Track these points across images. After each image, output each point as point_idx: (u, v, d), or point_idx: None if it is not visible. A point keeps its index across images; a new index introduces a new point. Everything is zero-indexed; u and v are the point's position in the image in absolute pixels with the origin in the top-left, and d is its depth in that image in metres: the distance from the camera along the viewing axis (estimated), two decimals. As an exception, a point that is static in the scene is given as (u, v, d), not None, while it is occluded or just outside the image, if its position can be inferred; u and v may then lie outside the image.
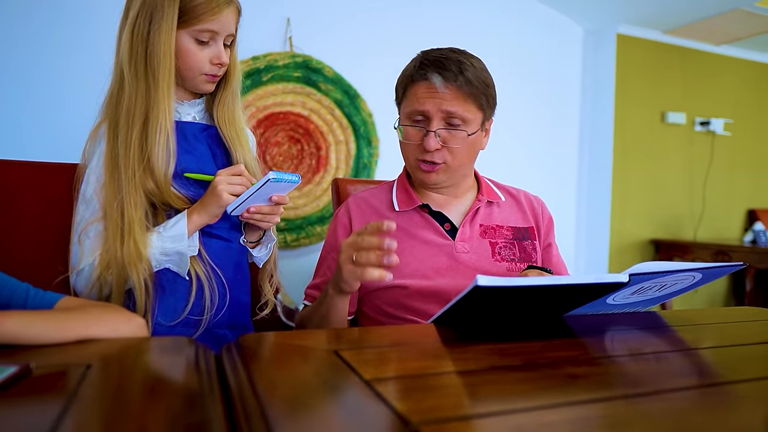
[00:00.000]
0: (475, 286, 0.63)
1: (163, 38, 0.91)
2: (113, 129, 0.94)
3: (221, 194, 0.93)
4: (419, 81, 1.05)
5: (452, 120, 1.04)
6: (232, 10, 0.97)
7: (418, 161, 1.07)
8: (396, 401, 0.46)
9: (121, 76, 0.95)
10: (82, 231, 0.92)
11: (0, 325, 0.57)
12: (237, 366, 0.56)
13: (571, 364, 0.60)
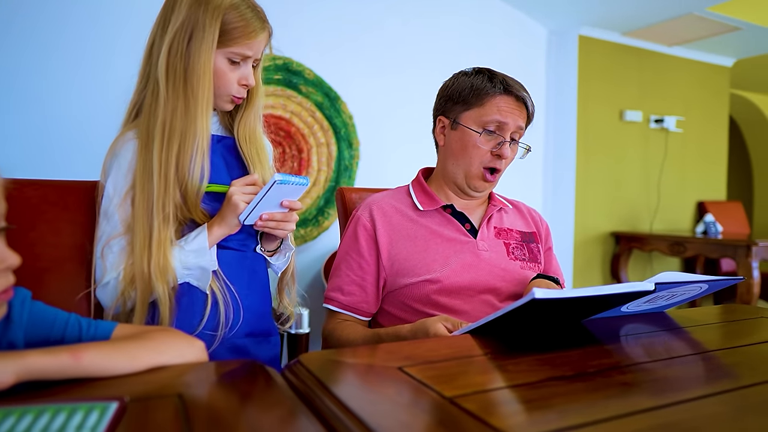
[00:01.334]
0: (531, 298, 0.68)
1: (203, 57, 0.92)
2: (145, 141, 0.94)
3: (237, 204, 0.94)
4: (506, 95, 1.15)
5: (517, 134, 1.16)
6: (265, 36, 0.99)
7: (484, 169, 1.16)
8: (489, 418, 0.50)
9: (155, 88, 0.94)
10: (105, 245, 0.92)
11: (78, 360, 0.57)
12: (313, 387, 0.59)
13: (617, 371, 0.65)
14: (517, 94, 1.15)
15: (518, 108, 1.15)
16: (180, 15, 0.92)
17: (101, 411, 0.49)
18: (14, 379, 0.52)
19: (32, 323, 0.66)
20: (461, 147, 1.16)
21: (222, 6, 0.92)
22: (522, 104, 1.16)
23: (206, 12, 0.91)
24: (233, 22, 0.93)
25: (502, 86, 1.14)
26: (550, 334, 0.83)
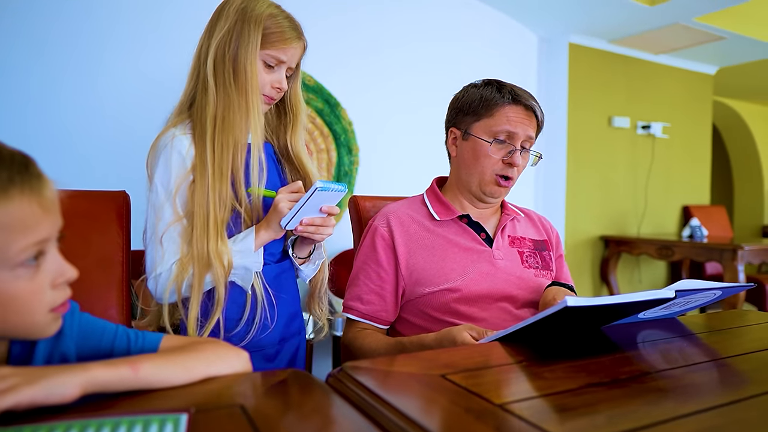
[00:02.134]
0: (564, 306, 0.71)
1: (249, 58, 1.00)
2: (200, 134, 1.00)
3: (282, 210, 1.00)
4: (515, 104, 1.18)
5: (527, 143, 1.19)
6: (300, 46, 1.06)
7: (497, 176, 1.18)
8: (544, 424, 0.52)
9: (205, 86, 1.01)
10: (165, 232, 0.97)
11: (137, 372, 0.58)
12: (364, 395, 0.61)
13: (649, 378, 0.69)
14: (525, 104, 1.18)
15: (527, 117, 1.18)
16: (226, 23, 1.01)
17: (174, 423, 0.50)
18: (80, 391, 0.53)
19: (82, 335, 0.66)
20: (473, 156, 1.20)
21: (263, 14, 1.02)
22: (531, 113, 1.19)
23: (250, 19, 1.01)
24: (270, 28, 1.02)
25: (510, 96, 1.18)
26: (572, 340, 0.86)
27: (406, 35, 2.79)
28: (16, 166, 0.53)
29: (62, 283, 0.58)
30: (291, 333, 1.13)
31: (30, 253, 0.54)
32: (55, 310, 0.58)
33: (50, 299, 0.57)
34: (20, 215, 0.52)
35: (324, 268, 1.19)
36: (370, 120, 2.60)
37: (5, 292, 0.53)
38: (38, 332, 0.58)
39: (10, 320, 0.55)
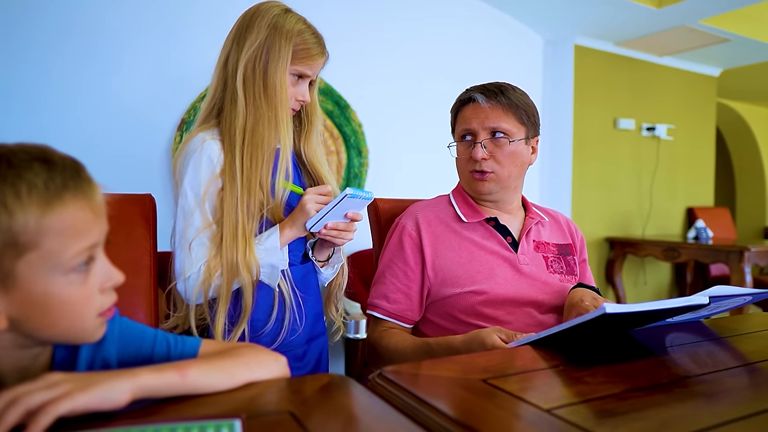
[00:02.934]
0: (603, 313, 0.71)
1: (279, 73, 1.02)
2: (228, 144, 1.02)
3: (309, 211, 1.01)
4: (466, 104, 1.21)
5: (496, 132, 1.17)
6: (323, 60, 1.10)
7: (471, 172, 1.19)
8: (597, 428, 0.52)
9: (233, 97, 1.02)
10: (194, 238, 0.98)
11: (184, 378, 0.58)
12: (408, 399, 0.61)
13: (690, 382, 0.69)
14: (470, 99, 1.20)
15: (480, 110, 1.18)
16: (258, 36, 1.02)
17: (229, 429, 0.50)
18: (130, 397, 0.53)
19: (123, 340, 0.66)
20: (456, 161, 1.26)
21: (293, 31, 1.04)
22: (480, 104, 1.18)
23: (281, 36, 1.03)
24: (299, 45, 1.05)
25: (463, 97, 1.23)
26: (602, 344, 0.86)
27: (414, 38, 2.79)
28: (69, 172, 0.54)
29: (110, 287, 0.58)
30: (317, 333, 1.15)
31: (82, 258, 0.54)
32: (103, 315, 0.58)
33: (99, 304, 0.57)
34: (74, 220, 0.53)
35: (343, 271, 1.19)
36: (380, 122, 2.60)
37: (58, 297, 0.53)
38: (86, 337, 0.58)
39: (61, 325, 0.55)
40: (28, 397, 0.48)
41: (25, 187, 0.50)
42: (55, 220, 0.51)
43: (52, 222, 0.51)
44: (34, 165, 0.51)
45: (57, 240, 0.52)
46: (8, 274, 0.51)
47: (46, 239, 0.51)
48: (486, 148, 1.16)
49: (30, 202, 0.50)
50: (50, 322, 0.54)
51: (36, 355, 0.59)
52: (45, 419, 0.47)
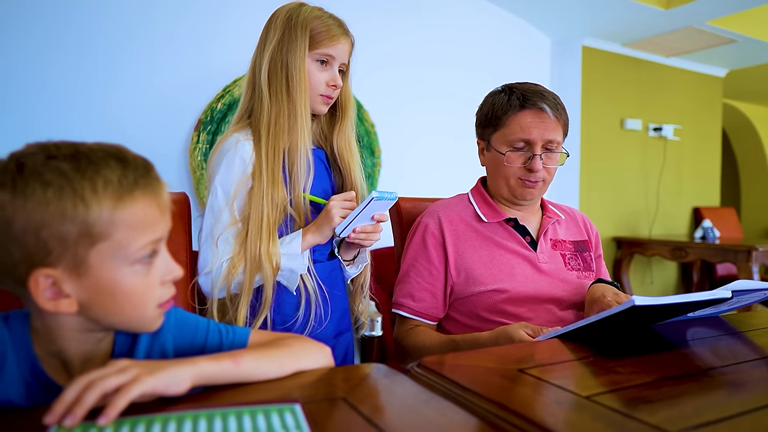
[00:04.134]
0: (632, 305, 0.74)
1: (298, 62, 1.05)
2: (257, 140, 1.05)
3: (334, 218, 1.04)
4: (528, 109, 1.17)
5: (550, 144, 1.18)
6: (347, 41, 1.11)
7: (523, 180, 1.19)
8: (638, 414, 0.55)
9: (260, 95, 1.06)
10: (220, 235, 1.01)
11: (238, 366, 0.61)
12: (452, 389, 0.64)
13: (718, 372, 0.71)
14: (535, 106, 1.16)
15: (541, 119, 1.16)
16: (275, 35, 1.07)
17: (292, 412, 0.53)
18: (191, 383, 0.56)
19: (178, 330, 0.69)
20: (495, 167, 1.23)
21: (308, 18, 1.07)
22: (545, 114, 1.16)
23: (296, 25, 1.06)
24: (317, 28, 1.07)
25: (519, 102, 1.17)
26: (626, 338, 0.88)
27: (425, 39, 2.82)
28: (140, 170, 0.58)
29: (169, 281, 0.62)
30: (344, 328, 1.18)
31: (147, 251, 0.58)
32: (162, 306, 0.62)
33: (159, 295, 0.61)
34: (142, 215, 0.57)
35: (367, 269, 1.22)
36: (392, 122, 2.63)
37: (123, 286, 0.57)
38: (146, 326, 0.62)
39: (124, 312, 0.59)
40: (104, 381, 0.51)
41: (101, 182, 0.54)
42: (126, 214, 0.55)
43: (123, 215, 0.55)
44: (110, 162, 0.56)
45: (126, 232, 0.56)
46: (81, 261, 0.55)
47: (116, 231, 0.55)
48: (542, 159, 1.17)
49: (105, 196, 0.54)
50: (114, 309, 0.58)
51: (99, 340, 0.63)
52: (122, 401, 0.50)
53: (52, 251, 0.54)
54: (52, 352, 0.62)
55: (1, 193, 0.53)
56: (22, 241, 0.53)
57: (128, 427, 0.49)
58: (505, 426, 0.54)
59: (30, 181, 0.53)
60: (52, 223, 0.53)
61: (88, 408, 0.49)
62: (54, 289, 0.55)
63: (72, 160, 0.54)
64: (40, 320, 0.60)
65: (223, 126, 2.20)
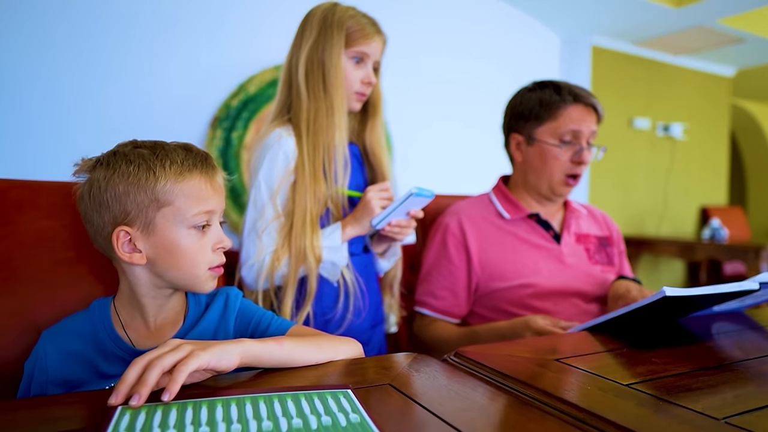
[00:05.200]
0: (663, 296, 0.75)
1: (335, 59, 1.08)
2: (298, 137, 1.08)
3: (373, 208, 1.05)
4: (576, 104, 1.20)
5: (590, 139, 1.21)
6: (380, 39, 1.13)
7: (566, 176, 1.22)
8: (680, 401, 0.56)
9: (298, 93, 1.09)
10: (264, 229, 1.04)
11: (281, 347, 0.64)
12: (491, 377, 0.65)
13: (750, 363, 0.72)
14: (586, 102, 1.20)
15: (589, 114, 1.21)
16: (312, 34, 1.09)
17: (345, 396, 0.54)
18: (239, 360, 0.59)
19: (241, 313, 0.80)
20: (542, 161, 1.22)
21: (344, 17, 1.10)
22: (592, 109, 1.21)
23: (332, 25, 1.09)
24: (352, 27, 1.10)
25: (571, 96, 1.20)
26: (654, 331, 0.89)
27: (435, 37, 2.83)
28: (199, 157, 0.73)
29: (220, 248, 0.74)
30: (378, 320, 1.20)
31: (200, 219, 0.71)
32: (212, 270, 0.73)
33: (210, 259, 0.73)
34: (197, 189, 0.71)
35: (398, 263, 1.23)
36: (405, 120, 2.64)
37: (180, 243, 0.70)
38: (199, 285, 0.73)
39: (181, 269, 0.71)
40: (161, 359, 0.53)
41: (168, 162, 0.70)
42: (184, 187, 0.70)
43: (182, 187, 0.70)
44: (178, 150, 0.72)
45: (184, 201, 0.70)
46: (150, 222, 0.69)
47: (176, 199, 0.69)
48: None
49: (170, 172, 0.69)
50: (173, 264, 0.71)
51: (167, 297, 0.75)
52: (181, 375, 0.52)
53: (129, 213, 0.68)
54: (135, 313, 0.74)
55: (100, 170, 0.70)
56: (110, 205, 0.68)
57: (191, 408, 0.50)
58: (552, 411, 0.55)
59: (119, 161, 0.69)
60: (131, 191, 0.68)
61: (151, 386, 0.51)
62: (130, 244, 0.70)
63: (152, 148, 0.70)
64: (126, 280, 0.74)
65: (238, 123, 2.21)
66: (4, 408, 0.53)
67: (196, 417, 0.48)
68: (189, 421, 0.47)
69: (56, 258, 0.85)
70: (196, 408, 0.50)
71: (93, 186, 0.70)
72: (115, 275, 0.82)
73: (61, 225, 0.87)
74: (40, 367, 0.71)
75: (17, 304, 0.81)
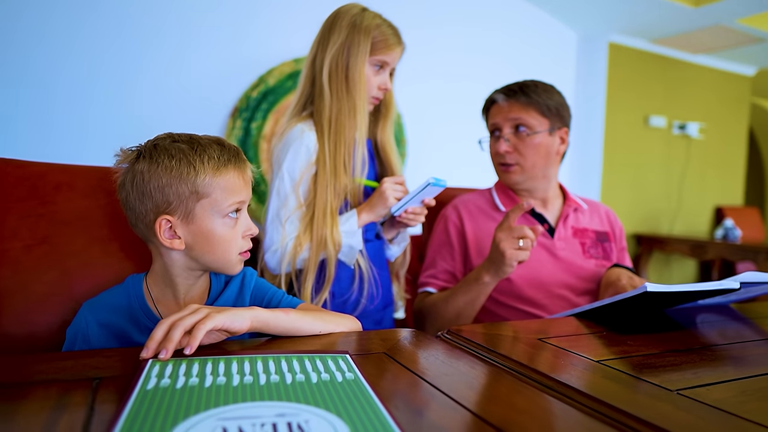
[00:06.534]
0: (644, 291, 0.81)
1: (359, 66, 1.15)
2: (320, 133, 1.15)
3: (388, 198, 1.14)
4: (492, 104, 1.33)
5: (519, 127, 1.27)
6: (400, 49, 1.21)
7: (499, 165, 1.32)
8: (641, 375, 0.63)
9: (321, 91, 1.16)
10: (287, 217, 1.13)
11: (287, 316, 0.73)
12: (479, 351, 0.72)
13: (720, 348, 0.79)
14: (497, 98, 1.31)
15: (501, 108, 1.30)
16: (340, 36, 1.15)
17: (344, 359, 0.62)
18: (250, 323, 0.68)
19: (256, 290, 0.88)
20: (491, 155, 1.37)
21: (371, 26, 1.17)
22: (506, 101, 1.29)
23: (360, 32, 1.16)
24: (377, 37, 1.18)
25: (488, 98, 1.34)
26: (639, 319, 0.96)
27: (450, 32, 2.88)
28: (233, 152, 0.80)
29: (248, 235, 0.81)
30: (389, 301, 1.29)
31: (233, 209, 0.78)
32: (242, 255, 0.81)
33: (240, 245, 0.80)
34: (232, 182, 0.78)
35: (407, 251, 1.31)
36: (419, 113, 2.71)
37: (216, 232, 0.78)
38: (230, 268, 0.81)
39: (215, 254, 0.79)
40: (183, 320, 0.63)
41: (206, 157, 0.77)
42: (221, 180, 0.77)
43: (219, 181, 0.77)
44: (213, 145, 0.79)
45: (220, 193, 0.77)
46: (190, 212, 0.76)
47: (214, 191, 0.76)
48: (509, 142, 1.28)
49: (208, 167, 0.76)
50: (208, 250, 0.78)
51: (197, 278, 0.83)
52: (200, 333, 0.62)
53: (171, 203, 0.75)
54: (167, 290, 0.82)
55: (143, 162, 0.76)
56: (153, 195, 0.75)
57: (211, 362, 0.58)
58: (525, 380, 0.63)
59: (162, 154, 0.76)
60: (173, 183, 0.75)
61: (176, 342, 0.60)
62: (170, 231, 0.77)
63: (189, 143, 0.77)
64: (160, 261, 0.81)
65: (258, 114, 2.30)
66: (57, 357, 0.62)
67: (215, 369, 0.56)
68: (209, 371, 0.56)
69: (92, 236, 0.95)
70: (215, 363, 0.58)
71: (136, 176, 0.76)
72: (143, 253, 0.91)
73: (96, 206, 0.96)
74: (83, 335, 0.79)
75: (57, 277, 0.91)
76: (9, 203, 0.91)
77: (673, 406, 0.54)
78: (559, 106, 1.30)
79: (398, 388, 0.57)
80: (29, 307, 0.87)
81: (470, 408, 0.52)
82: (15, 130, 1.94)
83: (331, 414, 0.46)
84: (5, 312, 0.86)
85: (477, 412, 0.51)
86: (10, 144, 1.92)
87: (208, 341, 0.66)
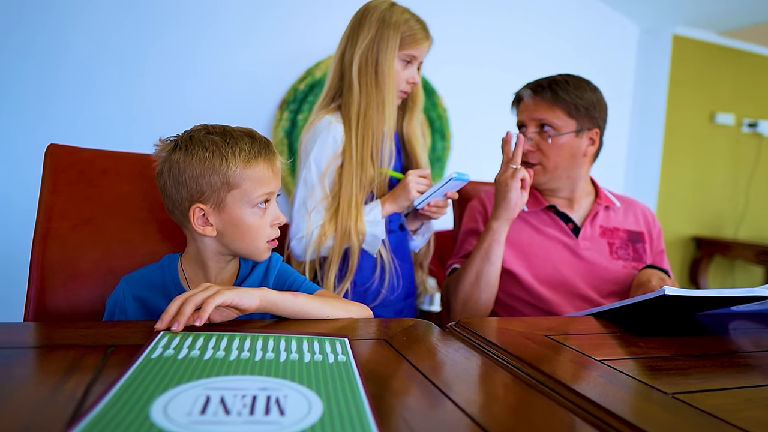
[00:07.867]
0: (662, 294, 0.79)
1: (389, 60, 1.18)
2: (348, 126, 1.19)
3: (411, 191, 1.17)
4: (519, 100, 1.31)
5: (544, 126, 1.24)
6: (428, 44, 1.23)
7: (523, 163, 1.27)
8: (643, 378, 0.62)
9: (350, 85, 1.19)
10: (314, 207, 1.17)
11: (296, 298, 0.77)
12: (482, 345, 0.73)
13: (737, 356, 0.76)
14: (524, 94, 1.28)
15: (527, 105, 1.27)
16: (370, 31, 1.18)
17: (341, 343, 0.65)
18: (258, 302, 0.72)
19: (280, 274, 0.93)
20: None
21: (400, 22, 1.20)
22: (530, 99, 1.26)
23: (389, 27, 1.18)
24: (406, 32, 1.20)
25: (518, 94, 1.31)
26: (665, 323, 0.93)
27: (501, 24, 2.83)
28: (263, 144, 0.84)
29: (276, 224, 0.86)
30: (411, 292, 1.31)
31: (263, 199, 0.83)
32: (270, 243, 0.86)
33: (268, 233, 0.85)
34: (262, 173, 0.82)
35: (431, 241, 1.33)
36: (465, 107, 2.69)
37: (246, 221, 0.82)
38: (258, 255, 0.86)
39: (244, 241, 0.83)
40: (195, 296, 0.67)
41: (238, 149, 0.80)
42: (251, 171, 0.81)
43: (249, 172, 0.81)
44: (245, 138, 0.83)
45: (250, 184, 0.81)
46: (221, 201, 0.81)
47: (244, 182, 0.81)
48: (532, 141, 1.25)
49: (240, 159, 0.80)
50: (238, 237, 0.83)
51: (228, 262, 0.88)
52: (209, 307, 0.66)
53: (204, 192, 0.80)
54: (199, 272, 0.88)
55: (179, 153, 0.81)
56: (188, 184, 0.80)
57: (215, 338, 0.63)
58: (518, 374, 0.63)
59: (196, 146, 0.80)
60: (206, 174, 0.79)
61: (187, 316, 0.65)
62: (203, 219, 0.82)
63: (222, 135, 0.81)
64: (194, 245, 0.86)
65: (305, 105, 2.36)
66: (84, 326, 0.69)
67: (217, 343, 0.61)
68: (211, 345, 0.60)
69: (132, 218, 1.02)
70: (219, 338, 0.63)
71: (173, 166, 0.81)
72: (177, 235, 0.98)
73: (138, 191, 1.04)
74: (120, 307, 0.86)
75: (100, 255, 0.99)
76: (60, 186, 0.99)
77: (661, 408, 0.54)
78: (591, 105, 1.24)
79: (386, 373, 0.60)
80: (74, 282, 0.95)
81: (451, 397, 0.53)
82: (70, 119, 2.09)
83: (311, 391, 0.49)
84: (53, 285, 0.94)
85: (457, 401, 0.52)
86: (63, 130, 2.06)
87: (219, 318, 0.70)
